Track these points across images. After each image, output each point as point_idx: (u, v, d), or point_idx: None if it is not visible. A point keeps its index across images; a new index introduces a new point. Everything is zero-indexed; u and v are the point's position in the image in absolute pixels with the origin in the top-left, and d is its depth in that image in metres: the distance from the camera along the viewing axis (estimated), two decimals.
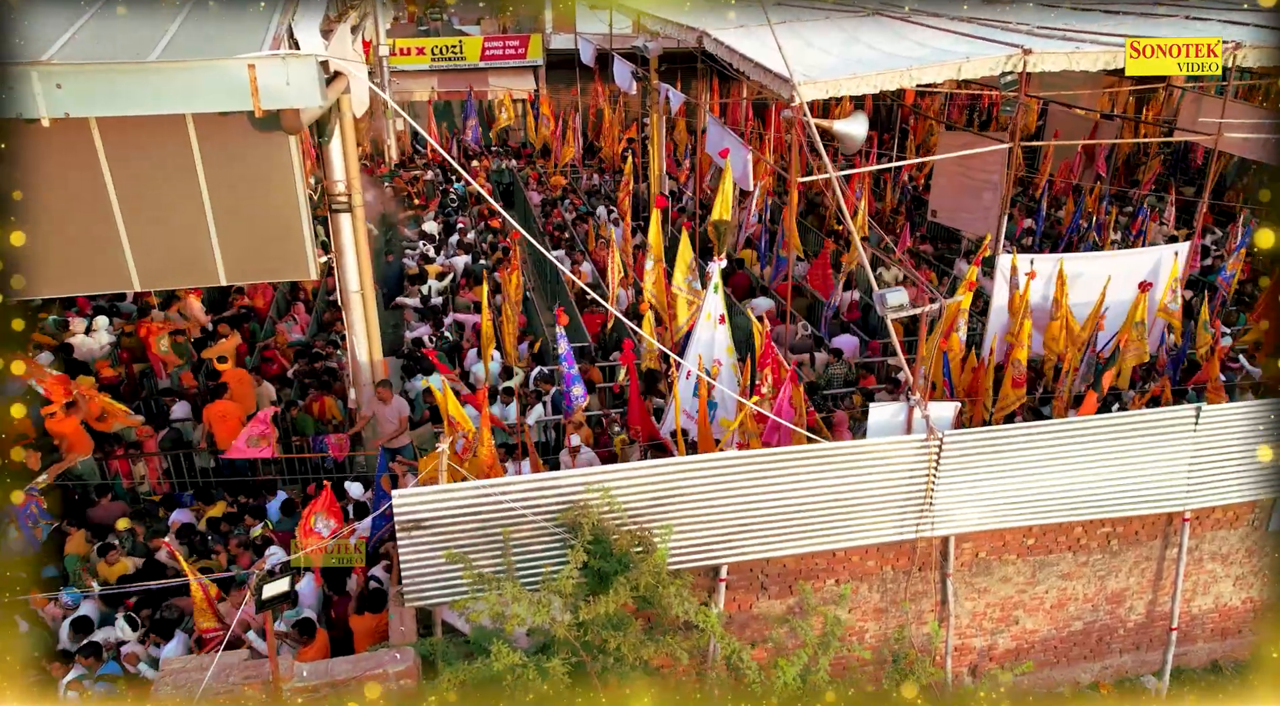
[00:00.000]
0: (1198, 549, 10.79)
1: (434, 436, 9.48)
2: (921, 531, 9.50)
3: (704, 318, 10.21)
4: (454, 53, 28.30)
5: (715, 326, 10.10)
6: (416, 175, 24.25)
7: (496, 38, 28.55)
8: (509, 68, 28.93)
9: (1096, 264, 13.26)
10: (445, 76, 28.59)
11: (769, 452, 8.91)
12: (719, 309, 10.15)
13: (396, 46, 26.26)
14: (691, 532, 8.92)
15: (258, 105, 6.40)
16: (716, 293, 10.13)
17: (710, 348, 10.25)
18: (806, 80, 11.84)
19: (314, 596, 8.74)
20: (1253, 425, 10.07)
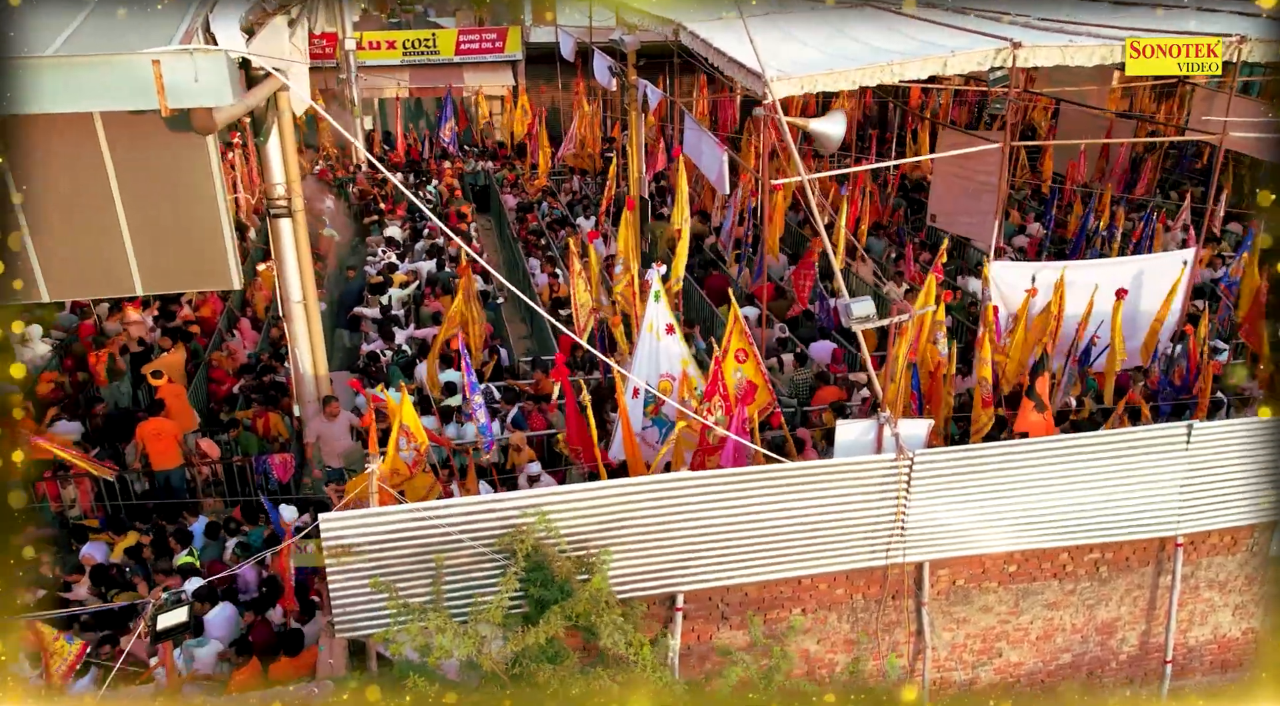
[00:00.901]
0: (1193, 576, 10.79)
1: (363, 456, 9.50)
2: (892, 557, 9.51)
3: (645, 329, 10.21)
4: (427, 47, 28.45)
5: (660, 337, 10.09)
6: (385, 177, 24.32)
7: (472, 31, 28.71)
8: (485, 63, 29.05)
9: (1098, 272, 13.31)
10: (418, 72, 28.72)
11: (725, 474, 8.95)
12: (664, 319, 10.14)
13: (364, 40, 26.36)
14: (644, 559, 8.94)
15: (164, 104, 6.45)
16: (658, 301, 10.13)
17: (655, 361, 10.25)
18: (780, 76, 11.90)
19: (230, 624, 8.73)
20: (1249, 444, 10.08)
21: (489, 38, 28.74)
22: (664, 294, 10.18)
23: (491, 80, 28.88)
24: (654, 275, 10.27)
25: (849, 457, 9.28)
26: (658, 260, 11.22)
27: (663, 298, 10.13)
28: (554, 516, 8.43)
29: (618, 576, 8.83)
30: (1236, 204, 21.57)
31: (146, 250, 7.79)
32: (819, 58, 13.72)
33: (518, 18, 28.74)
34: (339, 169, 24.94)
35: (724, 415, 9.48)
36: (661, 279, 10.32)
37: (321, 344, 11.61)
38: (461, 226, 21.00)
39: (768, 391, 9.79)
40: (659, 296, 10.10)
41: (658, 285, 10.15)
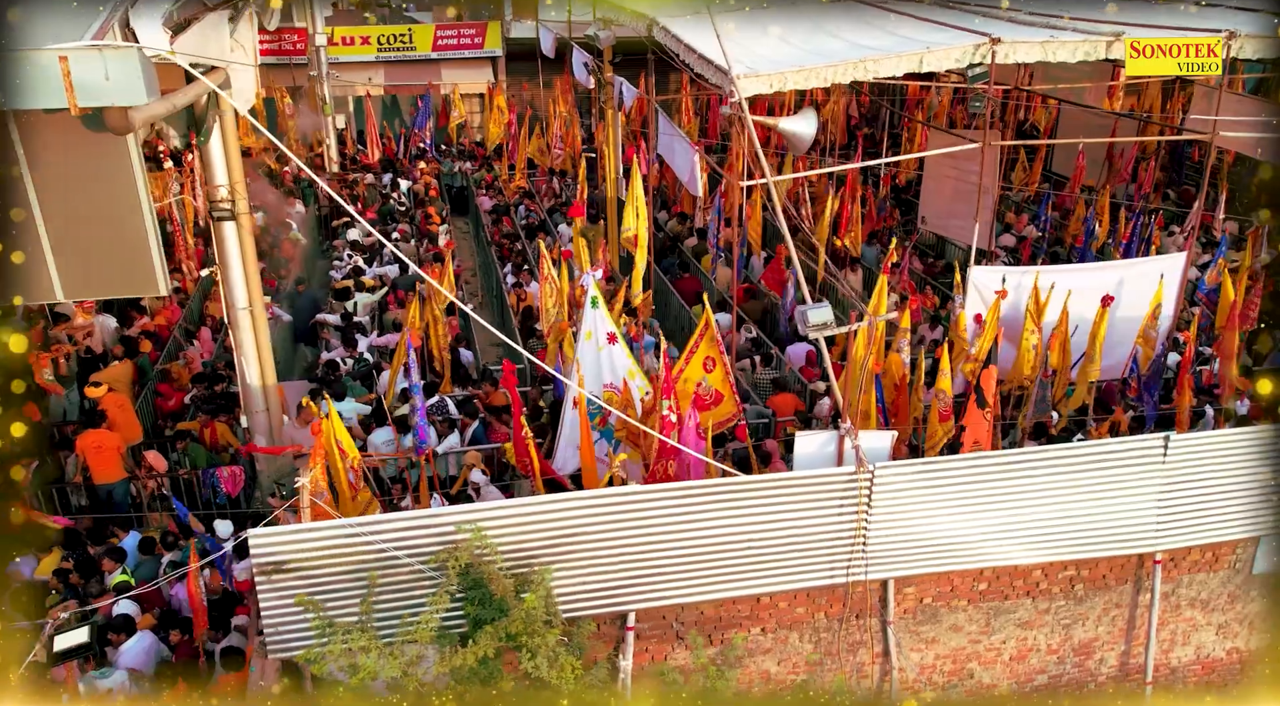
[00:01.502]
0: (1174, 594, 10.79)
1: (293, 470, 9.50)
2: (854, 574, 9.51)
3: (584, 338, 10.19)
4: (403, 42, 28.54)
5: (602, 347, 10.07)
6: (356, 178, 24.39)
7: (450, 26, 28.80)
8: (464, 59, 29.13)
9: (1079, 278, 13.32)
10: (393, 68, 28.79)
11: (677, 487, 8.95)
12: (604, 326, 10.11)
13: (337, 36, 26.42)
14: (592, 576, 8.94)
15: (73, 102, 6.46)
16: (596, 308, 10.11)
17: (598, 371, 10.23)
18: (747, 73, 11.92)
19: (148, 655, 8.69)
20: (1229, 457, 10.08)
21: (468, 33, 28.83)
22: (602, 300, 10.16)
23: (470, 77, 28.97)
24: (589, 281, 10.25)
25: (808, 470, 9.27)
26: (593, 265, 11.20)
27: (600, 304, 10.10)
28: (497, 531, 8.44)
29: (564, 594, 8.84)
30: (1237, 205, 21.60)
31: (67, 255, 7.80)
32: (796, 54, 13.74)
33: (498, 13, 28.80)
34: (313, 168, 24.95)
35: (672, 414, 9.47)
36: (600, 283, 10.29)
37: (269, 352, 11.61)
38: (431, 228, 21.02)
39: (734, 403, 9.77)
40: (596, 303, 10.08)
41: (594, 291, 10.13)
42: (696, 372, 9.64)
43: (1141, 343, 12.95)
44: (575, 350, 10.27)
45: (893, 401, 11.16)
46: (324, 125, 26.25)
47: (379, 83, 28.79)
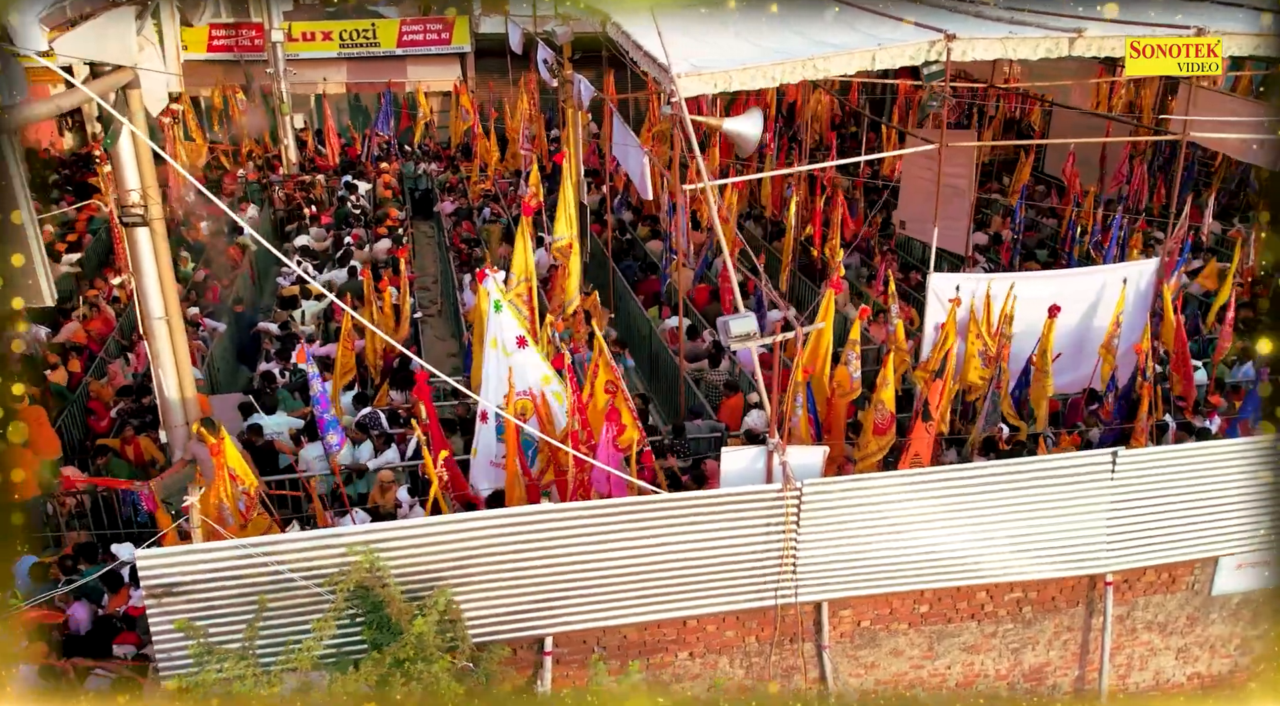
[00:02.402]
0: (1129, 617, 10.81)
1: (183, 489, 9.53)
2: (783, 596, 9.53)
3: (489, 345, 10.22)
4: (366, 38, 28.63)
5: (509, 352, 10.10)
6: (314, 181, 24.45)
7: (416, 20, 28.87)
8: (431, 55, 29.22)
9: (1045, 285, 13.36)
10: (357, 65, 28.89)
11: (591, 506, 9.00)
12: (512, 331, 10.12)
13: (292, 30, 26.52)
14: (505, 598, 8.98)
15: None
16: (499, 312, 10.12)
17: (502, 380, 10.23)
18: (690, 72, 11.98)
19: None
20: (1181, 473, 10.12)
21: (434, 28, 28.93)
22: (506, 304, 10.19)
23: (437, 75, 29.06)
24: (491, 283, 10.27)
25: (733, 488, 9.30)
26: (491, 266, 11.23)
27: (504, 308, 10.13)
28: (402, 552, 8.49)
29: (476, 617, 8.87)
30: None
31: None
32: (753, 52, 13.80)
33: (466, 7, 28.90)
34: (268, 172, 25.07)
35: (581, 427, 9.50)
36: (502, 286, 10.31)
37: (188, 363, 11.65)
38: (384, 230, 21.09)
39: (636, 429, 9.81)
40: (499, 307, 10.09)
41: (496, 294, 10.15)
42: (601, 396, 9.68)
43: (1104, 353, 12.96)
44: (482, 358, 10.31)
45: (825, 415, 11.18)
46: (282, 125, 26.30)
47: (340, 80, 28.86)
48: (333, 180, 24.30)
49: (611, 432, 9.40)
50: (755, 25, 15.98)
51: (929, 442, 10.41)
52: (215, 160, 25.84)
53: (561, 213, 12.83)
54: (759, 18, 16.52)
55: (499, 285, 10.20)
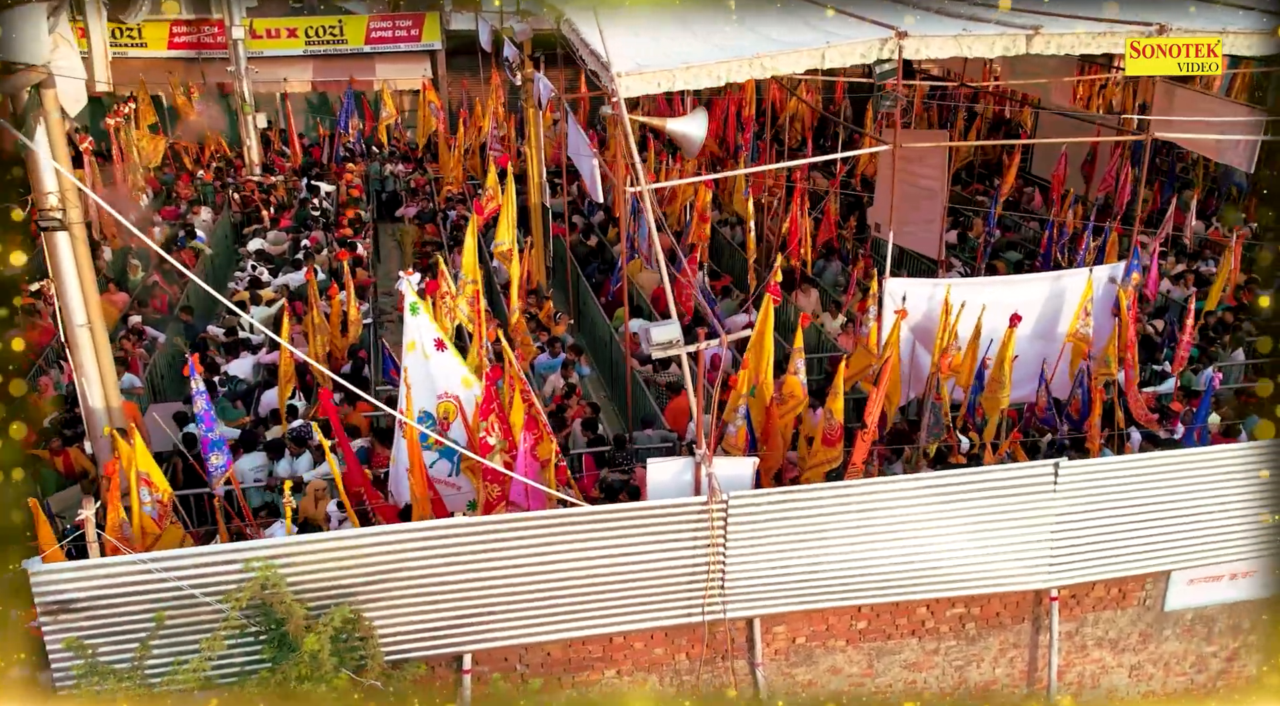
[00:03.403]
0: (1078, 633, 10.83)
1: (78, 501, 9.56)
2: (711, 612, 9.54)
3: (407, 349, 10.26)
4: (333, 35, 28.68)
5: (429, 355, 10.13)
6: (275, 182, 24.50)
7: (385, 17, 28.92)
8: (400, 53, 29.27)
9: (1006, 290, 13.38)
10: (323, 63, 28.93)
11: (509, 519, 9.03)
12: (429, 333, 10.15)
13: (253, 27, 26.54)
14: (419, 614, 8.99)
15: None
16: (416, 314, 10.15)
17: (430, 382, 10.27)
18: (632, 70, 12.02)
19: None
20: (1128, 485, 10.14)
21: (403, 25, 28.98)
22: (423, 306, 10.23)
23: (407, 73, 29.11)
24: (405, 285, 10.30)
25: (657, 500, 9.33)
26: (406, 269, 11.26)
27: (421, 310, 10.16)
28: (311, 566, 8.51)
29: (390, 633, 8.90)
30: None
31: None
32: (713, 52, 13.82)
33: (437, 4, 28.96)
34: (227, 173, 25.13)
35: (503, 437, 9.52)
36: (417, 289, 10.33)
37: (112, 371, 11.66)
38: (345, 232, 21.13)
39: (549, 442, 9.83)
40: (416, 309, 10.12)
41: (412, 297, 10.18)
42: (519, 401, 9.70)
43: (1073, 341, 12.94)
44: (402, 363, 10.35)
45: (762, 425, 11.19)
46: (244, 124, 26.35)
47: (306, 78, 28.90)
48: (293, 181, 24.31)
49: (529, 443, 9.42)
50: (715, 24, 16.04)
51: (863, 452, 10.42)
52: (175, 161, 25.88)
53: (504, 217, 12.83)
54: (720, 17, 16.58)
55: (414, 287, 10.22)
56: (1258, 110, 16.44)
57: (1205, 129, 16.22)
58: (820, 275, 20.15)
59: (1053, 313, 13.30)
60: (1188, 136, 17.28)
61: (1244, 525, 10.67)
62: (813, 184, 22.76)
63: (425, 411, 10.27)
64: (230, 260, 22.36)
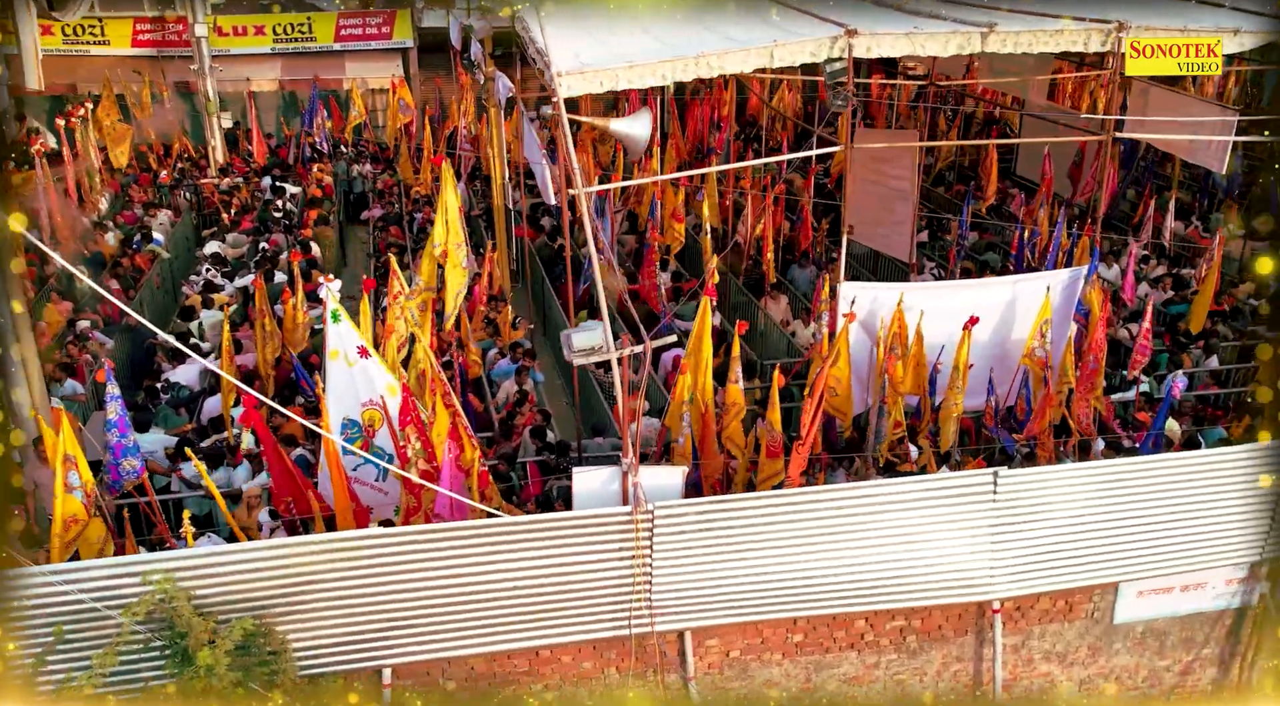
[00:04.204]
0: (1025, 646, 10.87)
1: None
2: (639, 625, 9.58)
3: (329, 357, 10.31)
4: (302, 32, 28.78)
5: (353, 363, 10.17)
6: (238, 184, 24.56)
7: (355, 14, 29.02)
8: (371, 51, 29.36)
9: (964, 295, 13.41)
10: (292, 61, 29.02)
11: (429, 530, 9.07)
12: (352, 341, 10.20)
13: (221, 24, 26.66)
14: (336, 627, 9.03)
15: None
16: (338, 322, 10.19)
17: (354, 390, 10.30)
18: (573, 69, 12.07)
19: None
20: (1071, 494, 10.18)
21: (374, 22, 29.08)
22: (344, 314, 10.28)
23: (378, 71, 29.21)
24: (326, 292, 10.35)
25: (582, 511, 9.38)
26: (326, 275, 11.31)
27: (343, 318, 10.21)
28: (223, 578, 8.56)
29: (306, 647, 8.94)
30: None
31: None
32: (654, 49, 13.90)
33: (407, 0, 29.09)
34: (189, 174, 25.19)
35: (423, 448, 9.57)
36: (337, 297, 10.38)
37: (39, 377, 11.72)
38: (307, 234, 21.19)
39: (472, 447, 9.88)
40: (338, 317, 10.17)
41: (333, 304, 10.22)
42: (442, 408, 9.74)
43: (1028, 362, 12.98)
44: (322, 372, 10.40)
45: (700, 433, 11.23)
46: (209, 124, 26.46)
47: (274, 77, 29.00)
48: (254, 181, 24.36)
49: (454, 453, 9.47)
50: (673, 24, 16.10)
51: (799, 464, 10.46)
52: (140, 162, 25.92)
53: (440, 218, 12.86)
54: (680, 16, 16.64)
55: (334, 294, 10.27)
56: (1230, 110, 16.43)
57: (1177, 129, 16.30)
58: (792, 282, 20.19)
59: (1009, 320, 13.32)
60: (1160, 137, 17.35)
61: (1194, 536, 10.72)
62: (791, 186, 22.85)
63: (350, 419, 10.31)
64: (190, 264, 22.42)
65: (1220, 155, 15.93)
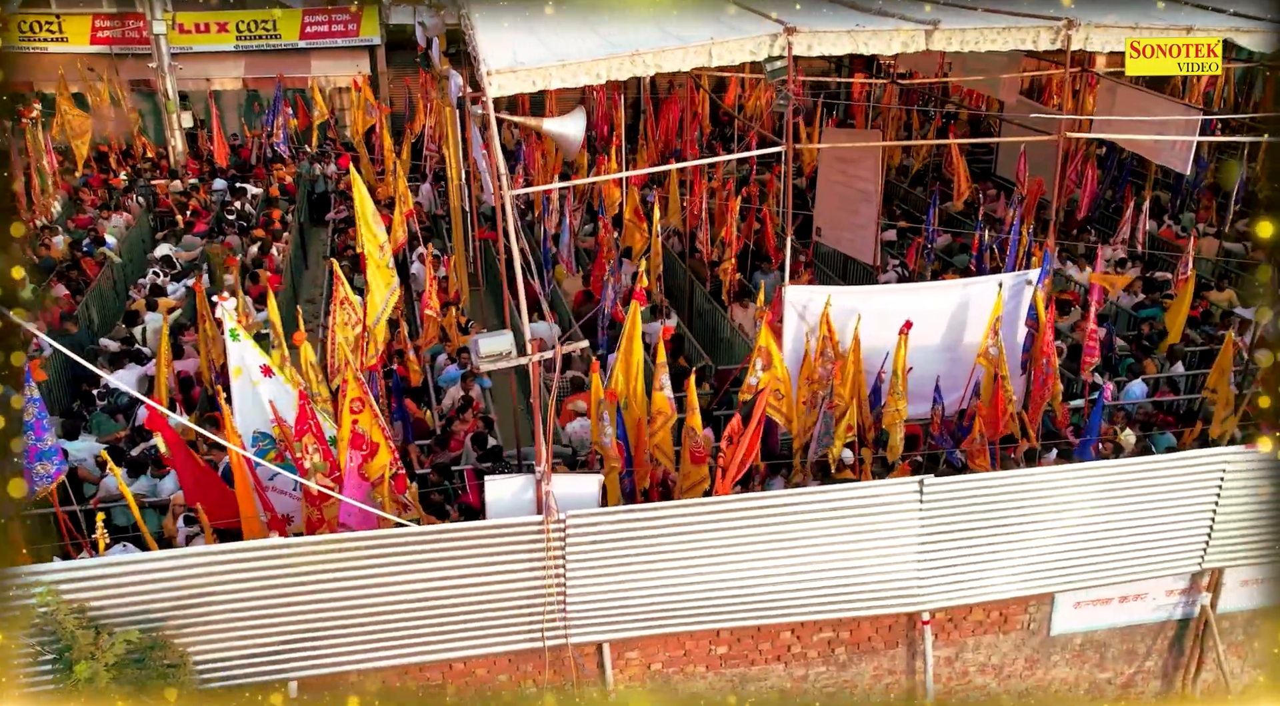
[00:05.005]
0: (958, 658, 10.91)
1: None
2: (553, 637, 9.62)
3: (233, 375, 10.36)
4: (266, 30, 28.86)
5: (258, 382, 10.22)
6: (194, 186, 24.64)
7: (320, 11, 29.09)
8: (337, 48, 29.45)
9: (909, 298, 13.47)
10: (256, 59, 29.11)
11: (336, 539, 9.14)
12: (255, 360, 10.25)
13: (176, 21, 26.73)
14: (239, 640, 9.08)
15: None
16: (238, 341, 10.25)
17: (261, 408, 10.30)
18: (505, 68, 12.13)
19: None
20: (996, 503, 10.21)
21: (340, 19, 29.16)
22: (244, 333, 10.31)
23: (344, 69, 29.30)
24: (224, 311, 10.39)
25: (492, 520, 9.43)
26: (219, 293, 11.35)
27: (242, 337, 10.26)
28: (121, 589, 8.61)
29: (207, 660, 8.99)
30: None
31: None
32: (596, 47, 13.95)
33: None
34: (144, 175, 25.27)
35: (323, 460, 9.61)
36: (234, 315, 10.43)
37: None
38: (260, 234, 21.26)
39: (389, 450, 9.91)
40: (237, 335, 10.20)
41: (231, 324, 10.25)
42: (346, 414, 9.76)
43: (983, 362, 12.99)
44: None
45: (635, 441, 11.27)
46: (169, 124, 26.56)
47: (238, 75, 29.09)
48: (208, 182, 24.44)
49: (356, 461, 9.51)
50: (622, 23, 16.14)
51: (731, 472, 10.50)
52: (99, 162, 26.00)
53: (361, 222, 12.86)
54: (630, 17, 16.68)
55: (232, 314, 10.31)
56: (1194, 109, 16.48)
57: (1140, 128, 16.33)
58: (757, 287, 20.20)
59: (959, 324, 13.36)
60: (1125, 137, 17.39)
61: (1132, 546, 10.75)
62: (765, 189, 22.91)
63: (260, 432, 10.36)
64: (143, 267, 22.48)
65: (1185, 155, 15.94)
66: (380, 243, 12.54)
